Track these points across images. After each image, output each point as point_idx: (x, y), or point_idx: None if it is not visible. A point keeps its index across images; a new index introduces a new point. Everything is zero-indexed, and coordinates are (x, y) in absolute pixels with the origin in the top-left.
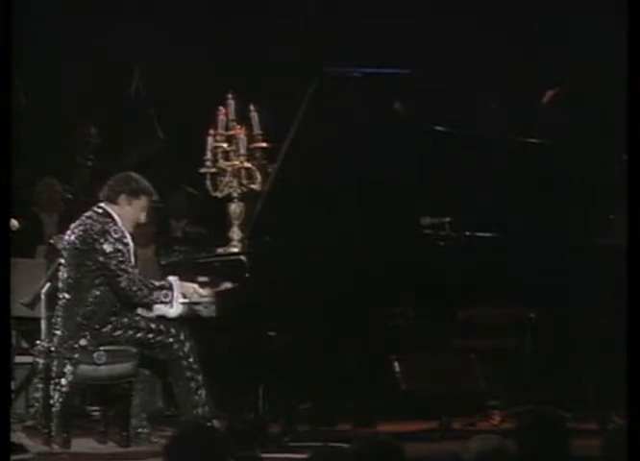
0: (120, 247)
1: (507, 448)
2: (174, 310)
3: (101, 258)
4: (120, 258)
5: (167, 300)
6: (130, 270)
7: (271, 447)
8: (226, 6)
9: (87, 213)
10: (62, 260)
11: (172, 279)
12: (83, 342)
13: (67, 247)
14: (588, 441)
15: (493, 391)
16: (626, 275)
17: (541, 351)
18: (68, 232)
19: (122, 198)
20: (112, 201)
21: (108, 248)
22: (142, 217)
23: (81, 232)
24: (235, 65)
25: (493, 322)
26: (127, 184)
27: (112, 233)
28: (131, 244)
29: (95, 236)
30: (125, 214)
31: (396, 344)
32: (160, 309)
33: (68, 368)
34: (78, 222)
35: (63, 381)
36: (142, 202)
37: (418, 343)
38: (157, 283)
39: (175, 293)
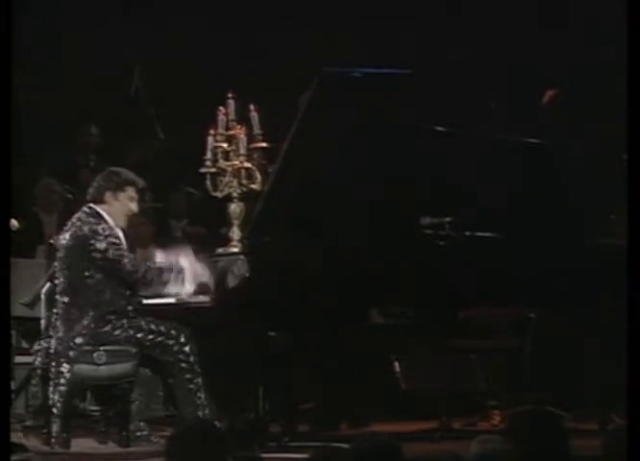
0: (112, 240)
1: (508, 449)
2: (187, 289)
3: (98, 255)
4: (117, 248)
5: (179, 279)
6: (130, 255)
7: (271, 447)
8: (226, 5)
9: (77, 215)
10: (57, 263)
11: (182, 260)
12: (78, 340)
13: (60, 250)
14: (588, 441)
15: (493, 391)
16: (626, 275)
17: (541, 351)
18: (61, 236)
19: (108, 195)
20: (99, 200)
21: (101, 245)
22: (133, 207)
23: (71, 235)
24: (235, 65)
25: (493, 322)
26: (109, 180)
27: (101, 232)
28: (123, 239)
29: (85, 238)
30: (114, 210)
31: (396, 344)
32: (173, 288)
33: (68, 368)
34: (69, 224)
35: (63, 381)
36: (129, 193)
37: (418, 343)
38: (167, 264)
39: (187, 273)
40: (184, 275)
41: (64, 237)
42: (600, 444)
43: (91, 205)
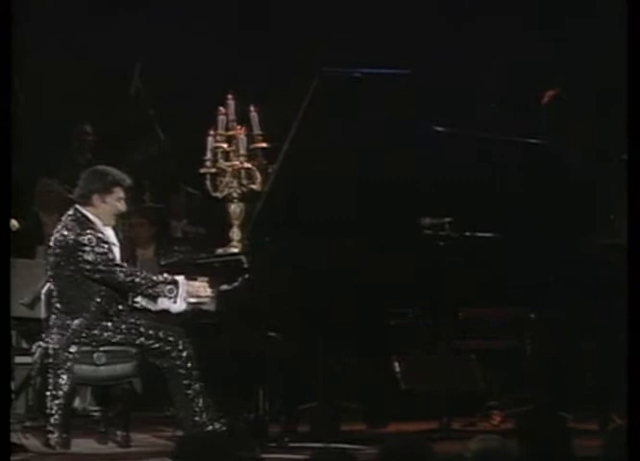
0: (101, 250)
1: (507, 448)
2: (177, 306)
3: (87, 266)
4: (107, 257)
5: (172, 295)
6: (122, 264)
7: (271, 447)
8: (226, 5)
9: (63, 219)
10: (49, 271)
11: (178, 277)
12: (73, 349)
13: (49, 255)
14: (588, 441)
15: (493, 391)
16: (626, 275)
17: (541, 351)
18: (51, 242)
19: (95, 197)
20: (86, 202)
21: (89, 257)
22: (121, 207)
23: (58, 241)
24: (235, 65)
25: (493, 322)
26: (96, 182)
27: (87, 242)
28: (112, 241)
29: (72, 248)
30: (102, 212)
31: (396, 344)
32: (163, 303)
33: (67, 368)
34: (56, 230)
35: (63, 382)
36: (116, 194)
37: (418, 343)
38: (161, 278)
39: (180, 290)
40: (178, 292)
41: (52, 242)
42: (600, 444)
43: (78, 207)
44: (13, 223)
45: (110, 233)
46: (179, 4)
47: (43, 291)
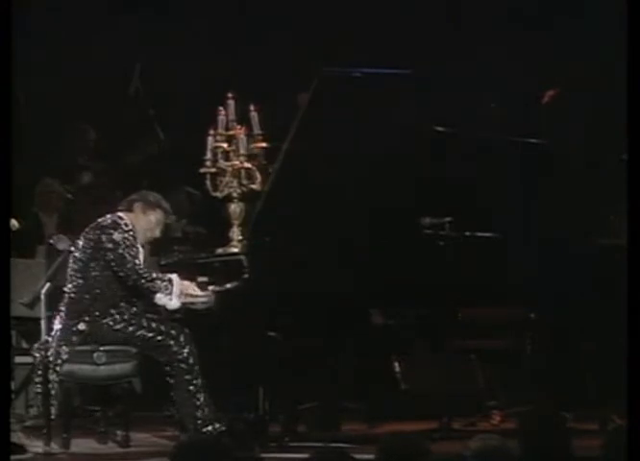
0: (129, 237)
1: (507, 448)
2: (173, 303)
3: (110, 245)
4: (128, 244)
5: (167, 292)
6: (137, 256)
7: (271, 447)
8: (226, 5)
9: (103, 218)
10: (73, 256)
11: (172, 275)
12: (81, 326)
13: (80, 243)
14: (588, 441)
15: (493, 391)
16: (626, 275)
17: (541, 351)
18: (82, 234)
19: (137, 206)
20: (128, 209)
21: (117, 237)
22: (157, 232)
23: (93, 229)
24: (235, 65)
25: (493, 322)
26: (145, 196)
27: (123, 226)
28: (138, 245)
29: (105, 227)
30: (139, 223)
31: (396, 344)
32: (161, 299)
33: (67, 368)
34: (93, 224)
35: (63, 381)
36: (158, 215)
37: (418, 343)
38: (156, 275)
39: (174, 288)
40: (172, 289)
41: (85, 234)
42: (600, 444)
43: (119, 213)
44: (13, 223)
45: (138, 239)
46: (178, 3)
47: (43, 291)
